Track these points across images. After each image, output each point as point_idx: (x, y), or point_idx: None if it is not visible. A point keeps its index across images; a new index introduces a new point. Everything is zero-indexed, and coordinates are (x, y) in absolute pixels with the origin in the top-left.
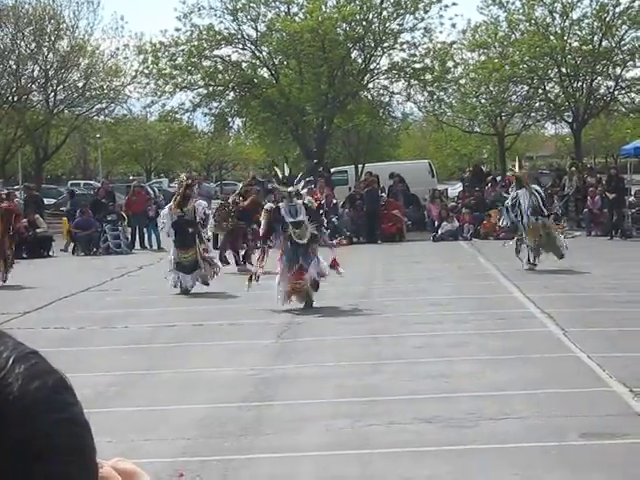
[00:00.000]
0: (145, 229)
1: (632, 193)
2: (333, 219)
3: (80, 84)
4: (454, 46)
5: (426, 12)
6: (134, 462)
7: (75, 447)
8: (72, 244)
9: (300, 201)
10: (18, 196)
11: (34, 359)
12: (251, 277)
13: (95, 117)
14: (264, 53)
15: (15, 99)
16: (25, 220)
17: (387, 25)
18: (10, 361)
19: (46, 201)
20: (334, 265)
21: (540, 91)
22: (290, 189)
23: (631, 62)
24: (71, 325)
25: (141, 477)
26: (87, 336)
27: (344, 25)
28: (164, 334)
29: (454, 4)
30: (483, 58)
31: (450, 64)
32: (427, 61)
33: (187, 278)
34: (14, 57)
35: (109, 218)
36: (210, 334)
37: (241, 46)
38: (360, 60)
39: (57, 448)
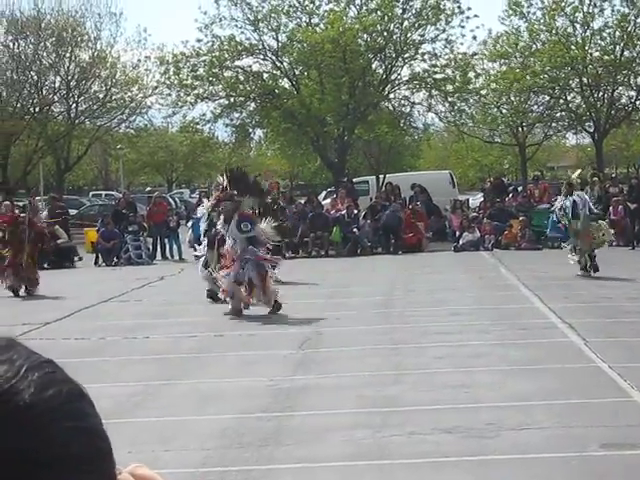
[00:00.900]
0: (166, 239)
1: None
2: (354, 229)
3: (101, 95)
4: (475, 57)
5: (447, 23)
6: (155, 472)
7: (90, 456)
8: (94, 255)
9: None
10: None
11: (48, 368)
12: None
13: (116, 128)
14: (285, 64)
15: (37, 110)
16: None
17: (408, 36)
18: (23, 369)
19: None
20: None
21: (561, 101)
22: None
23: None
24: (92, 336)
25: None
26: (108, 347)
27: (365, 36)
28: (185, 345)
29: (476, 16)
30: (504, 68)
31: (471, 74)
32: (448, 71)
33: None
34: (35, 68)
35: (130, 229)
36: (230, 345)
37: (262, 57)
38: (381, 71)
39: (70, 457)
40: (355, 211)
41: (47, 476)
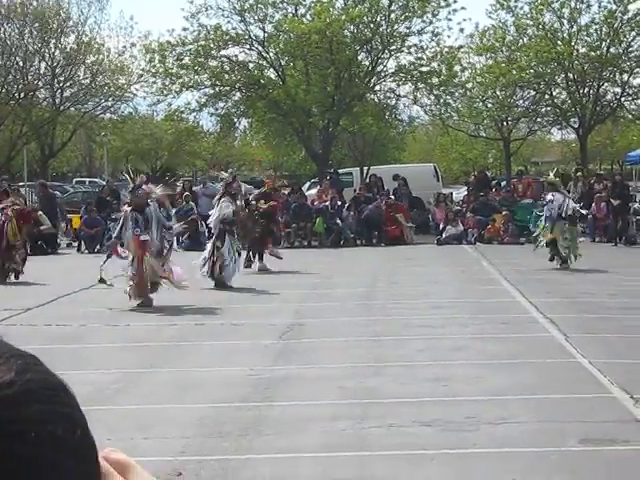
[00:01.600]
0: None
1: (637, 200)
2: (337, 221)
3: (86, 81)
4: (461, 50)
5: (434, 16)
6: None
7: (69, 439)
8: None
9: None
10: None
11: (32, 360)
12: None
13: (101, 115)
14: (271, 54)
15: (21, 96)
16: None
17: (395, 28)
18: (6, 355)
19: None
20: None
21: (547, 96)
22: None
23: (638, 69)
24: (73, 322)
25: (134, 468)
26: (89, 333)
27: (352, 27)
28: (165, 333)
29: (462, 8)
30: (490, 62)
31: (457, 68)
32: (434, 64)
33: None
34: (21, 54)
35: (113, 216)
36: (211, 333)
37: (248, 46)
38: (367, 62)
39: (47, 433)
40: (339, 202)
41: (21, 449)
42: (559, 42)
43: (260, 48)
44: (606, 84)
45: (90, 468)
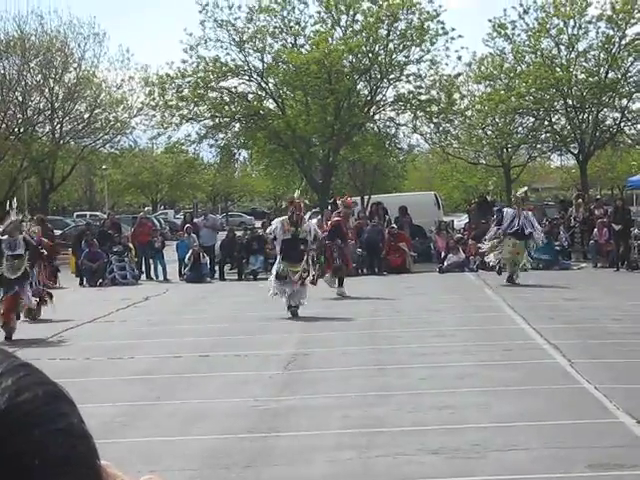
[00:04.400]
0: (151, 260)
1: (639, 225)
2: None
3: (86, 115)
4: (460, 78)
5: (432, 44)
6: None
7: (69, 458)
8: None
9: (21, 236)
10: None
11: (23, 371)
12: None
13: (101, 148)
14: (270, 85)
15: (21, 130)
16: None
17: (393, 57)
18: None
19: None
20: None
21: (546, 123)
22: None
23: (637, 94)
24: (77, 356)
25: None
26: (93, 367)
27: (350, 57)
28: (170, 365)
29: (460, 36)
30: (489, 90)
31: (456, 96)
32: (433, 93)
33: (287, 287)
34: (20, 88)
35: (115, 249)
36: (216, 365)
37: (247, 77)
38: (366, 92)
39: (50, 460)
40: None
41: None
42: (557, 68)
43: (259, 79)
44: (605, 109)
45: (89, 478)
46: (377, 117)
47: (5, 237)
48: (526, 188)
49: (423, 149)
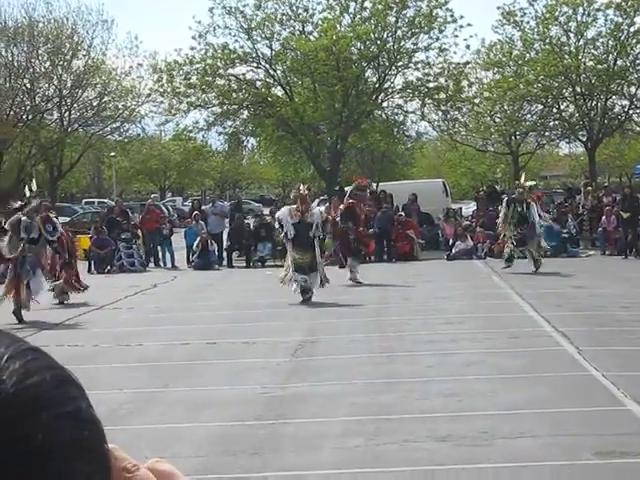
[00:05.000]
0: (159, 247)
1: None
2: None
3: (94, 103)
4: (468, 65)
5: (441, 32)
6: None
7: (78, 441)
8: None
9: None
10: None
11: (31, 355)
12: None
13: (109, 136)
14: (278, 72)
15: (29, 118)
16: None
17: (401, 44)
18: (4, 358)
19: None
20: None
21: (554, 110)
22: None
23: None
24: (85, 343)
25: (178, 478)
26: (101, 354)
27: (359, 44)
28: (178, 352)
29: (469, 24)
30: (498, 77)
31: (464, 83)
32: (441, 80)
33: (305, 277)
34: (28, 76)
35: (123, 236)
36: (223, 352)
37: (255, 65)
38: (374, 79)
39: (58, 443)
40: None
41: (37, 465)
42: (566, 56)
43: (267, 66)
44: (614, 97)
45: (101, 467)
46: (385, 104)
47: (24, 218)
48: (534, 182)
49: (431, 136)
